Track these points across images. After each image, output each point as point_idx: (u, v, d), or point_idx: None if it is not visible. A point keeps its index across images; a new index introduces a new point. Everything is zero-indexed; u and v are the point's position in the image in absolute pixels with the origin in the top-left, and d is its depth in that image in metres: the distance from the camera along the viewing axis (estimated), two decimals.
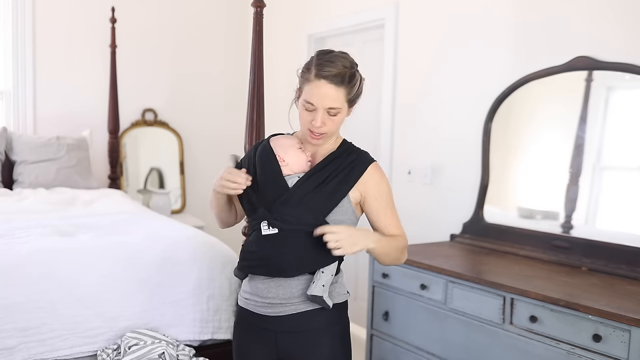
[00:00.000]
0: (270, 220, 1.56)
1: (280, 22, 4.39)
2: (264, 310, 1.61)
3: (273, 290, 1.60)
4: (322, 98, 1.54)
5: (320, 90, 1.54)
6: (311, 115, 1.57)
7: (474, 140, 2.90)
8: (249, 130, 2.31)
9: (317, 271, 1.58)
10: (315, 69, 1.55)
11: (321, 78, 1.54)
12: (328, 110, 1.55)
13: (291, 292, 1.59)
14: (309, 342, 1.61)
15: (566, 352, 1.90)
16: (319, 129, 1.57)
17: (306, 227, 1.55)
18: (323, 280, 1.57)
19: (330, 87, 1.54)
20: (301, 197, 1.57)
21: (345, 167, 1.61)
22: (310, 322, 1.60)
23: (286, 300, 1.59)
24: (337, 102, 1.55)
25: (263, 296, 1.61)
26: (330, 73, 1.53)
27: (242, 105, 3.62)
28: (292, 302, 1.60)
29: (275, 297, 1.60)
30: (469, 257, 2.61)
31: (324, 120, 1.56)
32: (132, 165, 4.42)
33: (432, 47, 3.18)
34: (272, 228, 1.56)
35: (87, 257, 2.32)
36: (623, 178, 2.37)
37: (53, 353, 2.14)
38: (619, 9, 2.36)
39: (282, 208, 1.57)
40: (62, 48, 4.12)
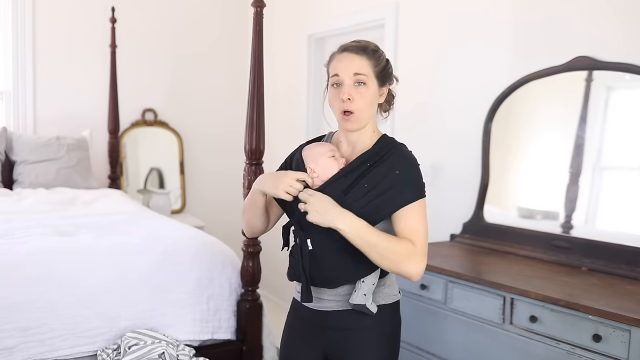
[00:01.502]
0: (303, 237, 1.52)
1: (280, 22, 4.39)
2: (314, 304, 1.58)
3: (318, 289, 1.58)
4: (346, 65, 1.51)
5: (344, 60, 1.53)
6: (339, 91, 1.52)
7: (474, 140, 2.89)
8: (249, 130, 2.31)
9: (358, 281, 1.54)
10: (338, 48, 1.57)
11: (344, 51, 1.54)
12: (355, 80, 1.51)
13: (336, 292, 1.57)
14: (356, 341, 1.58)
15: (566, 352, 1.90)
16: (349, 105, 1.50)
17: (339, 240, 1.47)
18: (364, 290, 1.53)
19: (353, 56, 1.52)
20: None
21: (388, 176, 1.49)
22: (358, 321, 1.57)
23: (332, 297, 1.57)
24: (363, 69, 1.51)
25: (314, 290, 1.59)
26: (352, 45, 1.55)
27: (242, 105, 3.62)
28: (338, 299, 1.57)
29: (322, 293, 1.57)
30: (469, 257, 2.61)
31: (351, 93, 1.50)
32: (132, 165, 4.42)
33: (432, 47, 3.18)
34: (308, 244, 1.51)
35: (87, 257, 2.32)
36: (623, 178, 2.37)
37: (53, 353, 2.14)
38: (619, 9, 2.36)
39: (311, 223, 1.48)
40: (62, 48, 4.12)
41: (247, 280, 2.47)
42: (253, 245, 2.43)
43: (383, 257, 1.46)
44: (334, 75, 1.53)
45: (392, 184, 1.49)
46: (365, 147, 1.58)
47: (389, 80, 1.61)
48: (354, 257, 1.49)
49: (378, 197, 1.49)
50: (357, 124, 1.54)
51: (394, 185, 1.49)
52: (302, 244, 1.52)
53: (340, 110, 1.53)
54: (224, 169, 4.63)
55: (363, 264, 1.51)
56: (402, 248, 1.47)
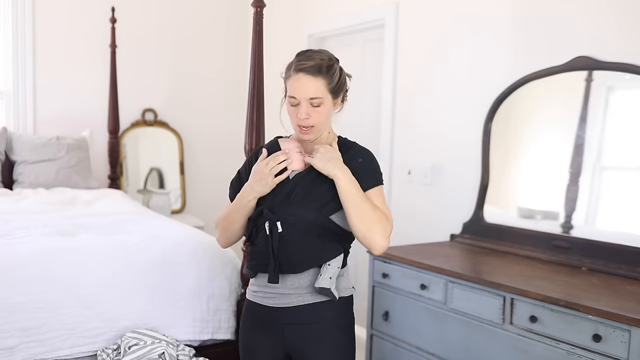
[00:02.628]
0: (274, 220, 1.59)
1: (280, 22, 4.39)
2: (272, 301, 1.65)
3: (281, 280, 1.63)
4: (302, 89, 1.60)
5: (300, 83, 1.60)
6: (296, 109, 1.62)
7: (474, 140, 2.89)
8: (249, 130, 2.31)
9: (324, 264, 1.62)
10: (294, 65, 1.63)
11: (299, 71, 1.60)
12: (310, 102, 1.60)
13: (299, 283, 1.63)
14: (315, 334, 1.64)
15: (566, 352, 1.90)
16: (305, 122, 1.61)
17: (307, 224, 1.60)
18: (330, 273, 1.61)
19: (308, 78, 1.59)
20: (300, 194, 1.62)
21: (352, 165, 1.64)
22: (317, 314, 1.64)
23: (294, 290, 1.63)
24: (318, 91, 1.60)
25: (271, 287, 1.64)
26: (306, 65, 1.60)
27: (242, 105, 3.61)
28: (300, 293, 1.63)
29: (283, 287, 1.63)
30: (469, 257, 2.61)
31: (309, 112, 1.61)
32: (132, 165, 4.42)
33: (432, 47, 3.18)
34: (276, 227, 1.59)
35: (87, 257, 2.32)
36: (623, 178, 2.37)
37: (53, 353, 2.14)
38: (618, 9, 2.36)
39: (285, 205, 1.61)
40: (62, 48, 4.12)
41: (247, 281, 2.46)
42: None
43: (362, 219, 1.56)
44: (291, 97, 1.62)
45: (356, 170, 1.62)
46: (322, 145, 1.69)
47: (344, 89, 1.69)
48: (321, 240, 1.61)
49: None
50: (314, 135, 1.67)
51: (357, 171, 1.62)
52: (272, 226, 1.59)
53: (297, 125, 1.64)
54: (224, 169, 4.61)
55: (328, 248, 1.62)
56: (377, 214, 1.58)
